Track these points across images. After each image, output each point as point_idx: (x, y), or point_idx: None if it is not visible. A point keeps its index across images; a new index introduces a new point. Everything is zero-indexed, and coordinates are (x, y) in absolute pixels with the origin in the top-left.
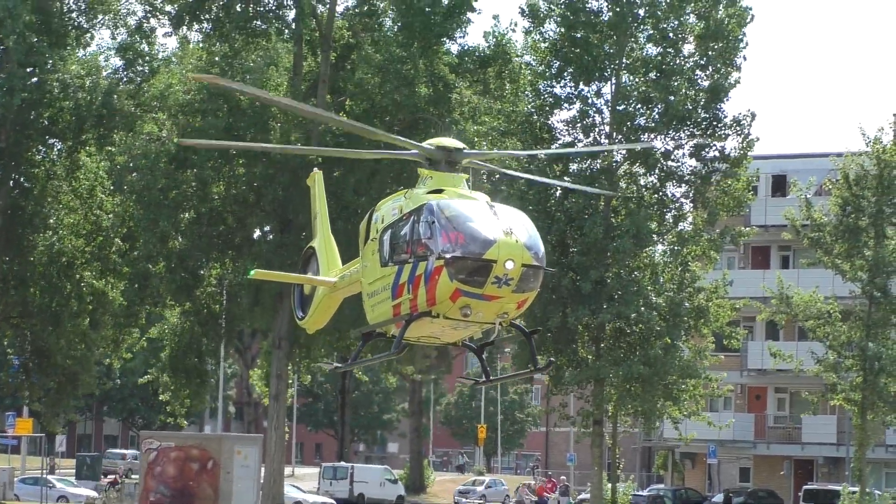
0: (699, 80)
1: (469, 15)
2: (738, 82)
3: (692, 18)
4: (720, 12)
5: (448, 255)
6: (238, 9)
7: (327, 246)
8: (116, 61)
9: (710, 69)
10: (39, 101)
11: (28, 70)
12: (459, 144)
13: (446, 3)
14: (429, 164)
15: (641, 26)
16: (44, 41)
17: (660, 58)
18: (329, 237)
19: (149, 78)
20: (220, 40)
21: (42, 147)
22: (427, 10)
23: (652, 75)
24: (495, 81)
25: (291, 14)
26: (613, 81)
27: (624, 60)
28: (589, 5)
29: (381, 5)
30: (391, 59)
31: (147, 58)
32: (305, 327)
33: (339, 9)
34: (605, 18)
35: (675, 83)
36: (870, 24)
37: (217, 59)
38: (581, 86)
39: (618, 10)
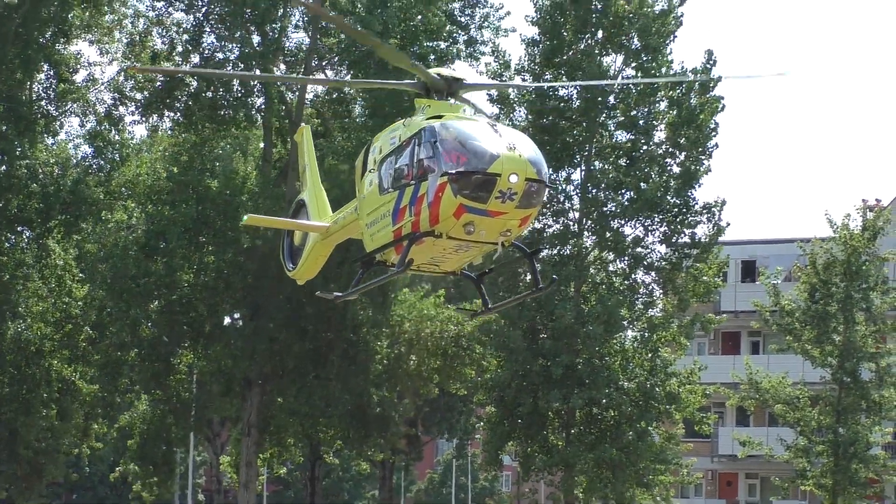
0: (670, 167)
1: None
2: (710, 170)
3: (663, 106)
4: (692, 100)
5: (452, 171)
6: (207, 96)
7: (317, 195)
8: (86, 149)
9: (681, 156)
10: (7, 188)
11: None
12: (459, 74)
13: None
14: (427, 94)
15: (612, 113)
16: (11, 129)
17: (630, 144)
18: (319, 187)
19: (118, 166)
20: (189, 128)
21: (10, 235)
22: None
23: (622, 161)
24: None
25: (260, 101)
26: (583, 168)
27: (594, 147)
28: (559, 92)
29: (351, 92)
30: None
31: (116, 146)
32: (296, 278)
33: (309, 96)
34: (576, 105)
35: (646, 170)
36: (837, 113)
37: (187, 146)
38: (551, 171)
39: (588, 97)
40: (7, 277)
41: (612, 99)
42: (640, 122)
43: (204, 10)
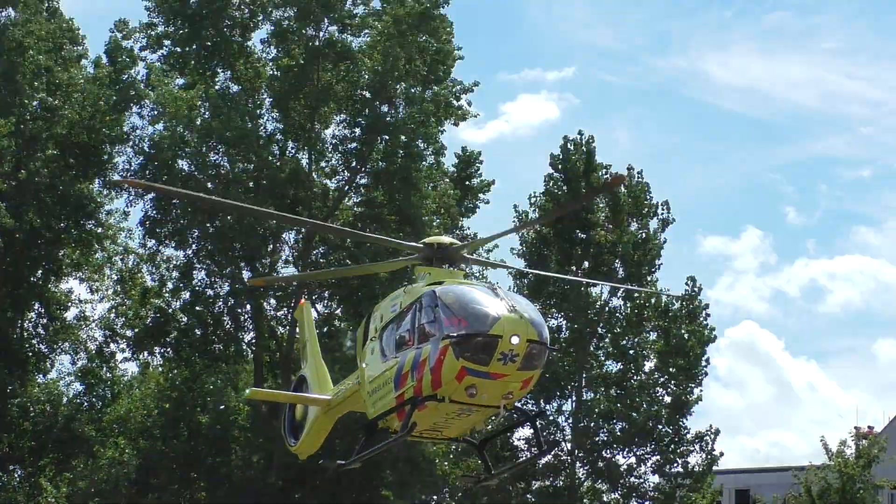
0: (661, 397)
1: None
2: (700, 399)
3: (652, 336)
4: (682, 330)
5: (453, 334)
6: (197, 333)
7: (318, 369)
8: (77, 386)
9: (672, 385)
10: None
11: None
12: (454, 241)
13: None
14: (427, 263)
15: (601, 343)
16: (2, 367)
17: (620, 374)
18: (320, 362)
19: (110, 402)
20: (180, 363)
21: (1, 473)
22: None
23: (613, 391)
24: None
25: (251, 336)
26: (574, 398)
27: (584, 376)
28: (550, 323)
29: (342, 325)
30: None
31: (108, 382)
32: (298, 453)
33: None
34: (565, 335)
35: (637, 399)
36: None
37: (177, 382)
38: (542, 403)
39: (576, 326)
40: None
41: (600, 329)
42: (630, 351)
43: (194, 246)
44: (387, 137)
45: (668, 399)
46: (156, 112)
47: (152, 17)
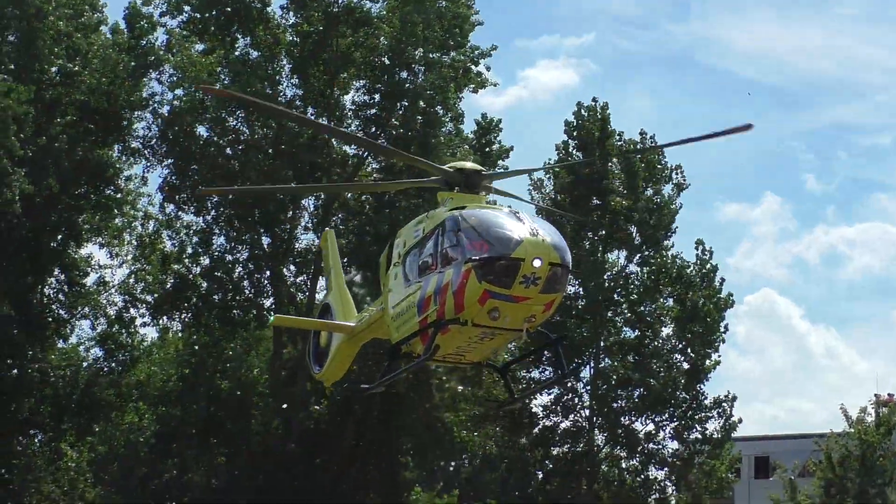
0: (678, 363)
1: None
2: (718, 363)
3: (669, 302)
4: (698, 296)
5: (476, 258)
6: (216, 298)
7: (342, 297)
8: (97, 351)
9: (689, 351)
10: (19, 392)
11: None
12: (479, 167)
13: None
14: (449, 188)
15: (618, 309)
16: (22, 334)
17: (637, 341)
18: (344, 289)
19: (129, 367)
20: (199, 329)
21: (22, 438)
22: None
23: (630, 358)
24: (472, 369)
25: (270, 302)
26: (592, 365)
27: (602, 344)
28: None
29: (362, 292)
30: (370, 345)
31: (127, 348)
32: (322, 380)
33: (318, 296)
34: (582, 303)
35: (654, 366)
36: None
37: (197, 347)
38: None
39: (592, 290)
40: (19, 481)
41: (617, 296)
42: (647, 317)
43: (213, 212)
44: (406, 104)
45: (685, 366)
46: (175, 78)
47: None
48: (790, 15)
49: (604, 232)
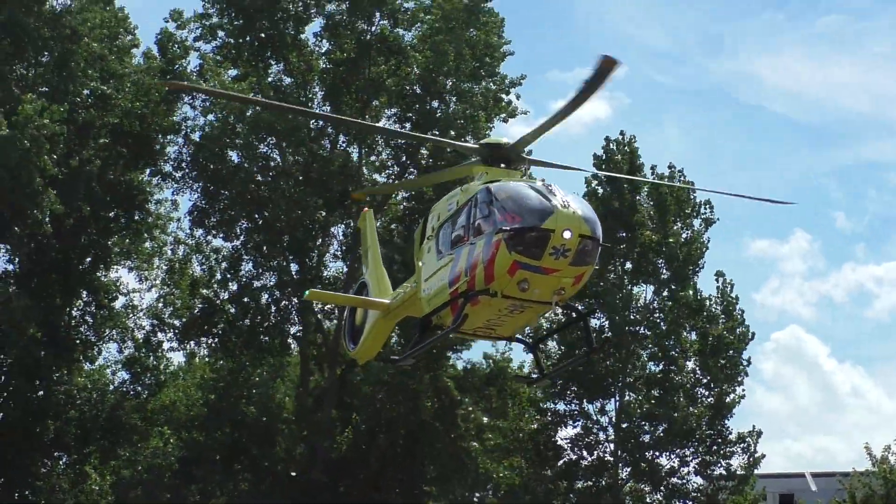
0: (702, 398)
1: None
2: (742, 397)
3: (693, 335)
4: (720, 328)
5: (506, 228)
6: (244, 324)
7: (379, 275)
8: (123, 374)
9: (713, 386)
10: (44, 414)
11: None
12: (512, 141)
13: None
14: (483, 163)
15: (644, 343)
16: (50, 355)
17: (661, 375)
18: (380, 268)
19: (155, 391)
20: (226, 355)
21: (46, 460)
22: None
23: (655, 392)
24: (497, 401)
25: (297, 328)
26: (617, 399)
27: (627, 379)
28: (591, 323)
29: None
30: (396, 373)
31: (154, 371)
32: (357, 357)
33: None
34: (607, 336)
35: (678, 400)
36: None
37: (223, 373)
38: (585, 403)
39: (617, 323)
40: (43, 503)
41: (643, 329)
42: (671, 352)
43: (242, 238)
44: (437, 133)
45: (710, 400)
46: (208, 103)
47: (206, 7)
48: (823, 52)
49: (630, 266)
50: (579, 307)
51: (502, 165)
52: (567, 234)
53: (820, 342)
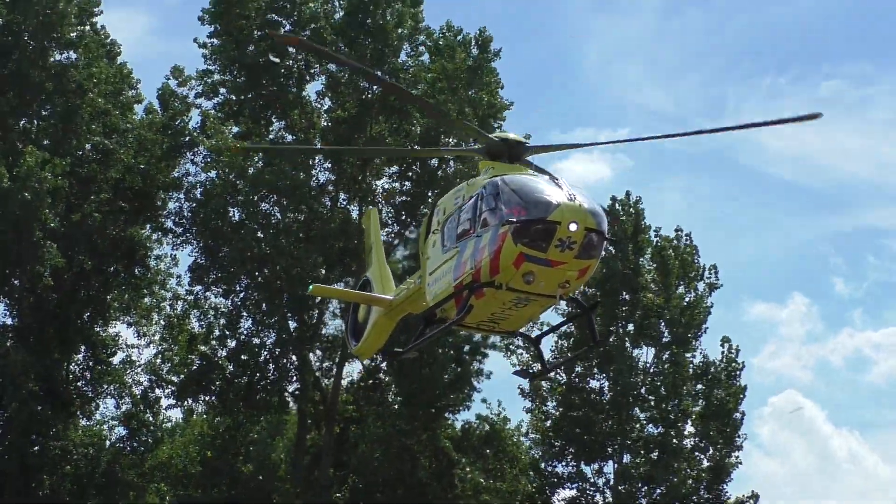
0: (700, 461)
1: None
2: (740, 462)
3: (692, 398)
4: (719, 392)
5: (513, 220)
6: (242, 381)
7: (382, 272)
8: (120, 430)
9: (711, 449)
10: (40, 468)
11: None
12: (522, 138)
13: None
14: (491, 158)
15: (643, 405)
16: (47, 409)
17: (660, 437)
18: (384, 265)
19: (152, 448)
20: (223, 412)
21: None
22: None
23: (653, 455)
24: (494, 463)
25: (295, 386)
26: (615, 461)
27: (626, 441)
28: (590, 385)
29: (386, 379)
30: (394, 433)
31: (151, 428)
32: (359, 354)
33: (344, 382)
34: (607, 398)
35: (676, 464)
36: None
37: (220, 430)
38: (583, 465)
39: (619, 388)
40: None
41: (643, 391)
42: (670, 415)
43: (242, 294)
44: (437, 191)
45: (707, 464)
46: (209, 159)
47: (209, 63)
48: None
49: (632, 328)
50: (583, 302)
51: (509, 161)
52: (573, 227)
53: (817, 407)
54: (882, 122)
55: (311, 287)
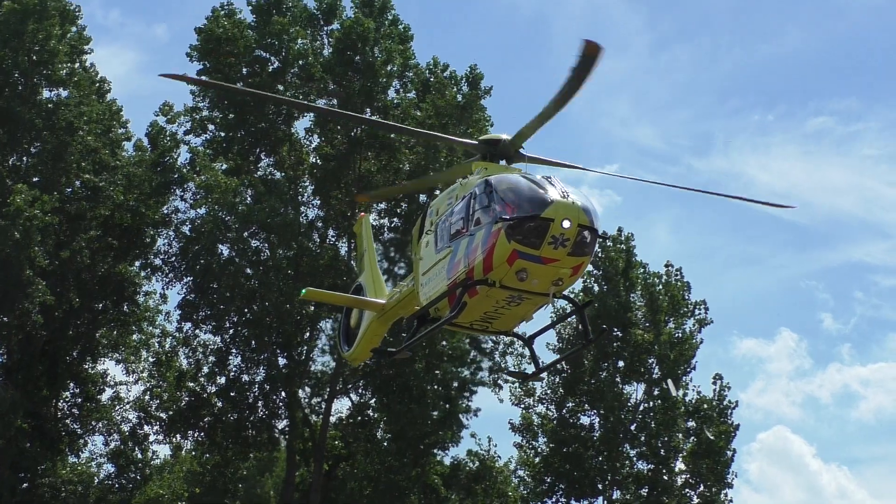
0: (690, 498)
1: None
2: (730, 500)
3: (683, 435)
4: (710, 430)
5: (506, 217)
6: (231, 418)
7: (374, 278)
8: (109, 467)
9: (702, 487)
10: None
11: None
12: (515, 140)
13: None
14: (484, 159)
15: (634, 442)
16: (35, 446)
17: (651, 474)
18: (376, 271)
19: (141, 485)
20: (212, 448)
21: None
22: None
23: (643, 492)
24: (483, 499)
25: (284, 423)
26: (604, 497)
27: (616, 477)
28: (581, 420)
29: (375, 415)
30: (383, 470)
31: (139, 464)
32: (351, 360)
33: (333, 419)
34: (597, 434)
35: (667, 500)
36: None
37: (209, 466)
38: (573, 501)
39: (609, 424)
40: None
41: (633, 428)
42: (661, 451)
43: (231, 332)
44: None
45: (696, 500)
46: (198, 196)
47: (197, 101)
48: (813, 153)
49: (622, 364)
50: (575, 300)
51: (502, 162)
52: (566, 224)
53: (805, 442)
54: (869, 157)
55: (303, 291)
